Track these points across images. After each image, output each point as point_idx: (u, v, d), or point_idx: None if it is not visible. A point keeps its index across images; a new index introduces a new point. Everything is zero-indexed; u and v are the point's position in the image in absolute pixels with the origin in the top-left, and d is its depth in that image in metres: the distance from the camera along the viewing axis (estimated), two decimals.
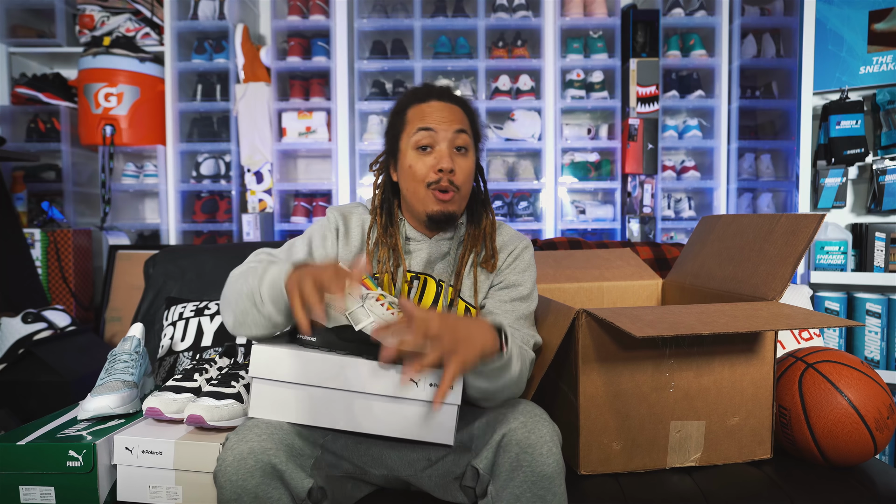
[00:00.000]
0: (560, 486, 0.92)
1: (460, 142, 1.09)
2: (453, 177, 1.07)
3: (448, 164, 1.06)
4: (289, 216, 2.69)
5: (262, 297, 0.93)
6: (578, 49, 2.64)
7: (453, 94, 1.13)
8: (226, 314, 1.02)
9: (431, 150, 1.08)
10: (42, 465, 1.02)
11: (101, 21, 2.59)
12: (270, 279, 0.92)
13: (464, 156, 1.10)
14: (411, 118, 1.11)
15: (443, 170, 1.06)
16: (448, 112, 1.09)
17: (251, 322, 0.96)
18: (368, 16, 2.67)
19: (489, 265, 1.15)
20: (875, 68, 2.08)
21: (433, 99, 1.11)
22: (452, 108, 1.10)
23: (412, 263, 1.15)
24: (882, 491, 1.08)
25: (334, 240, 1.14)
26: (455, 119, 1.09)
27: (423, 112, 1.09)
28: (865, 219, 2.17)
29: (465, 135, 1.10)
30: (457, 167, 1.08)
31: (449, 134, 1.08)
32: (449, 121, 1.08)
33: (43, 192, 2.63)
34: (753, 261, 1.25)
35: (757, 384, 1.17)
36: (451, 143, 1.08)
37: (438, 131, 1.08)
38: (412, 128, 1.09)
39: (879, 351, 2.03)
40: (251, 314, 0.95)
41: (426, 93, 1.12)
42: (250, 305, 0.95)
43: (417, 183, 1.09)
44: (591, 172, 2.69)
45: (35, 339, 1.86)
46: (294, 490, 0.89)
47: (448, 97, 1.12)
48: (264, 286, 0.93)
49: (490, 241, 1.16)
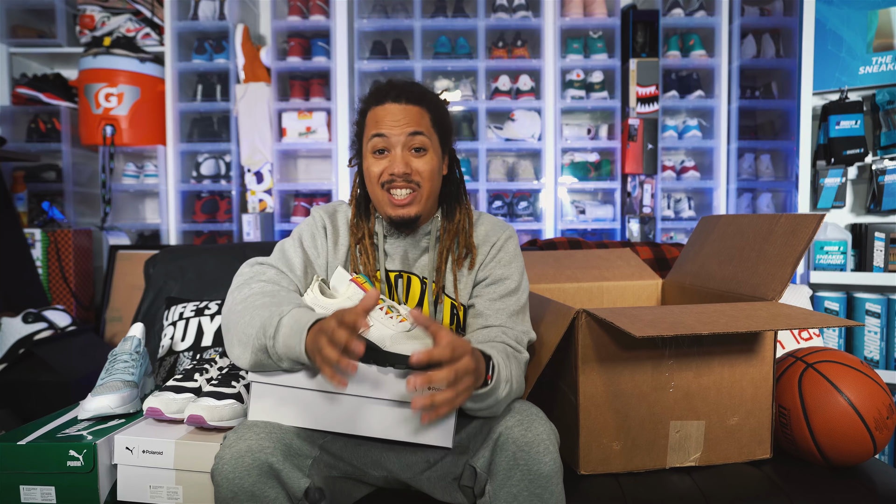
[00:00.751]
0: (558, 486, 0.92)
1: (416, 143, 1.08)
2: (410, 175, 1.07)
3: (400, 168, 1.06)
4: (289, 216, 2.69)
5: (279, 355, 0.91)
6: (578, 49, 2.64)
7: (412, 93, 1.09)
8: (233, 351, 0.98)
9: (387, 154, 1.08)
10: (42, 465, 1.03)
11: (102, 21, 2.59)
12: (285, 342, 0.90)
13: (421, 156, 1.08)
14: (369, 122, 1.10)
15: (394, 174, 1.06)
16: (402, 115, 1.07)
17: (270, 369, 0.95)
18: (368, 16, 2.67)
19: (462, 264, 1.13)
20: (874, 68, 2.08)
21: (389, 101, 1.09)
22: (408, 110, 1.08)
23: (392, 261, 1.15)
24: (882, 491, 1.08)
25: (323, 239, 1.14)
26: (410, 121, 1.07)
27: (378, 116, 1.08)
28: (865, 219, 2.17)
29: (422, 136, 1.08)
30: (413, 167, 1.07)
31: (402, 138, 1.07)
32: (403, 124, 1.07)
33: (43, 192, 2.63)
34: (753, 261, 1.25)
35: (757, 384, 1.17)
36: (405, 146, 1.07)
37: (391, 136, 1.07)
38: (368, 132, 1.09)
39: (879, 351, 2.03)
40: (268, 364, 0.94)
41: (384, 94, 1.10)
42: (265, 358, 0.93)
43: (374, 185, 1.09)
44: (591, 172, 2.69)
45: (35, 339, 1.87)
46: (291, 490, 0.89)
47: (405, 97, 1.08)
48: (279, 347, 0.91)
49: (465, 236, 1.14)
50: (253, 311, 0.96)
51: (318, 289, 1.03)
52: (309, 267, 1.11)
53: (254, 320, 0.94)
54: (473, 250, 1.14)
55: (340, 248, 1.14)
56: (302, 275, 1.09)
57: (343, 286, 1.05)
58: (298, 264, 1.09)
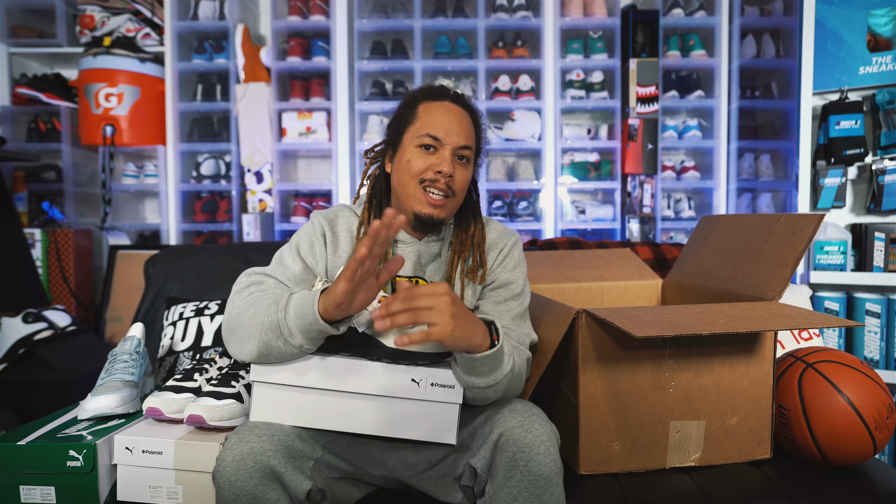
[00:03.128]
0: (558, 486, 0.92)
1: (464, 154, 1.09)
2: (451, 182, 1.06)
3: (449, 168, 1.05)
4: (289, 216, 2.69)
5: (290, 329, 0.90)
6: (578, 49, 2.64)
7: (466, 102, 1.12)
8: (241, 346, 0.97)
9: (434, 152, 1.07)
10: (42, 465, 1.03)
11: (102, 21, 2.59)
12: (295, 310, 0.90)
13: (464, 165, 1.09)
14: (422, 114, 1.09)
15: (442, 172, 1.05)
16: (458, 121, 1.08)
17: (277, 354, 0.94)
18: (368, 16, 2.67)
19: (476, 276, 1.13)
20: (874, 68, 2.08)
21: (448, 100, 1.10)
22: (463, 117, 1.09)
23: (404, 267, 1.12)
24: (882, 491, 1.08)
25: (322, 246, 1.11)
26: (463, 132, 1.08)
27: (435, 114, 1.08)
28: (865, 219, 2.17)
29: (469, 150, 1.10)
30: (455, 176, 1.07)
31: (454, 145, 1.07)
32: (457, 132, 1.07)
33: (43, 192, 2.63)
34: (753, 261, 1.25)
35: (756, 384, 1.17)
36: (454, 152, 1.07)
37: (445, 139, 1.06)
38: (420, 125, 1.08)
39: (879, 351, 2.03)
40: (277, 347, 0.93)
41: (441, 93, 1.11)
42: (276, 338, 0.92)
43: (411, 177, 1.07)
44: (591, 172, 2.69)
45: (35, 339, 1.87)
46: (293, 492, 0.89)
47: (461, 103, 1.11)
48: (290, 318, 0.90)
49: (479, 251, 1.14)
50: (258, 304, 0.96)
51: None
52: (308, 275, 1.10)
53: (260, 309, 0.94)
54: (485, 267, 1.14)
55: (341, 255, 1.12)
56: (301, 283, 1.08)
57: None
58: (297, 273, 1.08)
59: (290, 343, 0.92)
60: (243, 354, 0.96)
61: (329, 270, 1.11)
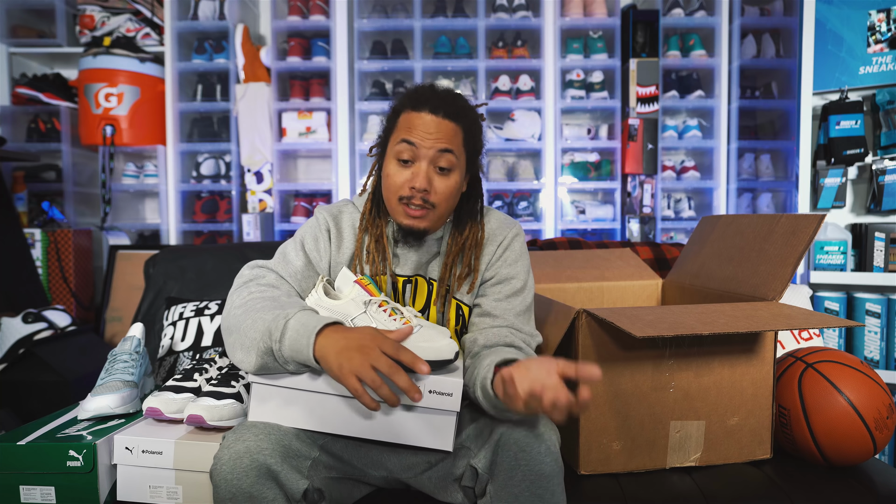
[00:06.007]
0: (559, 486, 0.92)
1: (443, 162, 1.04)
2: (427, 196, 1.04)
3: (422, 183, 1.02)
4: (289, 216, 2.69)
5: (286, 358, 0.90)
6: (578, 49, 2.64)
7: (451, 107, 1.04)
8: (240, 355, 0.95)
9: (411, 165, 1.04)
10: (42, 465, 1.03)
11: (102, 21, 2.59)
12: (291, 346, 0.88)
13: (444, 176, 1.05)
14: (401, 124, 1.06)
15: (415, 188, 1.03)
16: (436, 129, 1.03)
17: (276, 371, 0.94)
18: (368, 16, 2.67)
19: (462, 283, 1.11)
20: (875, 68, 2.08)
21: (426, 110, 1.04)
22: (443, 125, 1.04)
23: (403, 266, 1.12)
24: (882, 491, 1.08)
25: (326, 242, 1.11)
26: (442, 137, 1.03)
27: (412, 123, 1.04)
28: (865, 219, 2.17)
29: (451, 155, 1.04)
30: (433, 187, 1.04)
31: (431, 153, 1.03)
32: (435, 138, 1.03)
33: (43, 192, 2.63)
34: (753, 261, 1.25)
35: (757, 384, 1.17)
36: (432, 162, 1.04)
37: (420, 148, 1.03)
38: (398, 136, 1.05)
39: (879, 351, 2.03)
40: (275, 368, 0.92)
41: (423, 100, 1.05)
42: (271, 361, 0.91)
43: (391, 193, 1.06)
44: (591, 172, 2.69)
45: (35, 339, 1.87)
46: (289, 491, 0.89)
47: (443, 110, 1.03)
48: (286, 350, 0.89)
49: (469, 258, 1.12)
50: (255, 315, 0.94)
51: (322, 290, 1.03)
52: (311, 270, 1.09)
53: (256, 324, 0.92)
54: (475, 274, 1.12)
55: (345, 251, 1.12)
56: (303, 279, 1.07)
57: (347, 287, 1.05)
58: (300, 268, 1.07)
59: (286, 368, 0.92)
60: (243, 366, 0.95)
61: (332, 266, 1.11)
